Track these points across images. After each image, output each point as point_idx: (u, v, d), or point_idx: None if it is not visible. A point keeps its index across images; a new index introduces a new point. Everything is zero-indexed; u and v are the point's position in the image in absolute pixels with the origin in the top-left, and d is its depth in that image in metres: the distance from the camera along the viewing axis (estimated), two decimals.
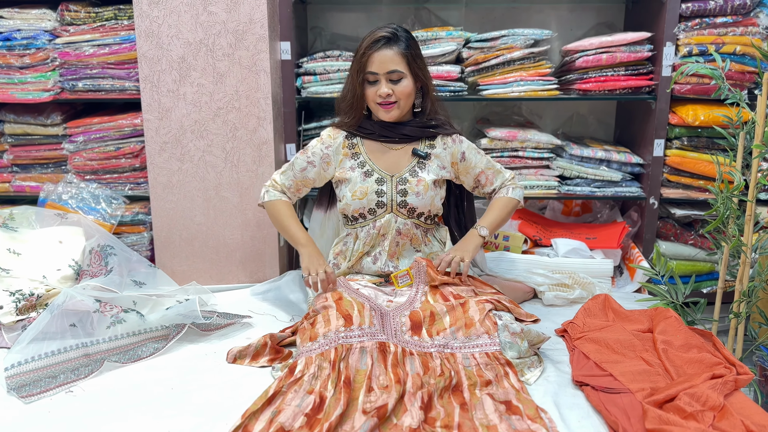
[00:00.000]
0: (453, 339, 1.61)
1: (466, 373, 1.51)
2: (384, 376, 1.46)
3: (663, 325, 1.68)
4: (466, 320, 1.64)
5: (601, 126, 2.85)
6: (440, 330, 1.64)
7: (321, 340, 1.56)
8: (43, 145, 2.45)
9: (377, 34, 1.82)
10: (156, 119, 2.21)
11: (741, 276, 1.81)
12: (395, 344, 1.58)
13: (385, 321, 1.67)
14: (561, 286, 2.14)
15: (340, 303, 1.68)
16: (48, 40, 2.31)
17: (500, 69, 2.37)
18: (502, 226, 1.97)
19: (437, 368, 1.51)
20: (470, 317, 1.64)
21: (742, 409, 1.31)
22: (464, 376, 1.49)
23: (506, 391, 1.44)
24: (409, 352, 1.57)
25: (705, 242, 2.37)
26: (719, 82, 1.79)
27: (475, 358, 1.56)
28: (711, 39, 2.24)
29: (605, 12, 2.70)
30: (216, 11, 2.13)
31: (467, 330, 1.62)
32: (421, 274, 1.84)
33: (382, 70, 1.80)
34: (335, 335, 1.56)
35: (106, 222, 2.28)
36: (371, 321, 1.63)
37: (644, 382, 1.44)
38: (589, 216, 2.81)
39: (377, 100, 1.84)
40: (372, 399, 1.38)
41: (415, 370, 1.50)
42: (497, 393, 1.44)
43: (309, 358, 1.51)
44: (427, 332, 1.64)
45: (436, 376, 1.48)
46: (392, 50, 1.80)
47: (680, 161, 2.33)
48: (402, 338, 1.62)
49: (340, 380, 1.44)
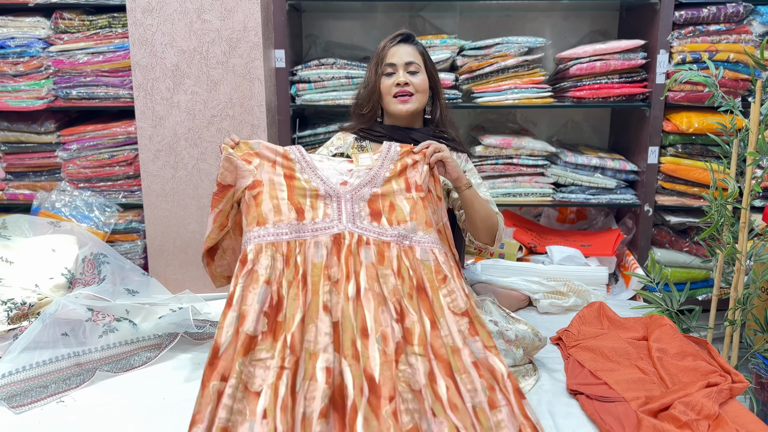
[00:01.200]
0: (413, 233, 1.56)
1: (424, 268, 1.50)
2: (336, 268, 1.46)
3: (658, 332, 1.68)
4: (426, 218, 1.60)
5: (596, 133, 2.86)
6: (401, 221, 1.58)
7: (271, 229, 1.50)
8: (37, 153, 2.44)
9: (396, 32, 1.88)
10: (150, 127, 2.20)
11: (736, 283, 1.81)
12: (351, 232, 1.54)
13: (341, 207, 1.59)
14: (556, 294, 2.14)
15: (291, 186, 1.59)
16: (42, 48, 2.31)
17: (494, 77, 2.37)
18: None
19: (393, 260, 1.50)
20: (429, 218, 1.60)
21: (738, 418, 1.31)
22: (423, 275, 1.49)
23: (461, 297, 1.45)
24: (365, 241, 1.53)
25: (700, 249, 2.37)
26: (713, 89, 1.79)
27: (434, 254, 1.53)
28: (704, 47, 2.24)
29: (599, 20, 2.71)
30: (210, 19, 2.13)
31: (427, 228, 1.59)
32: (390, 155, 1.71)
33: (401, 61, 1.83)
34: (288, 228, 1.51)
35: (99, 230, 2.27)
36: (325, 212, 1.57)
37: (639, 391, 1.44)
38: (584, 223, 2.81)
39: (393, 92, 1.84)
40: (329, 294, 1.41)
41: (370, 259, 1.49)
42: (454, 302, 1.44)
43: (258, 245, 1.47)
44: (387, 220, 1.58)
45: (392, 269, 1.48)
46: (410, 46, 1.85)
47: (675, 168, 2.33)
48: (361, 224, 1.57)
49: (297, 275, 1.43)
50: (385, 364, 1.30)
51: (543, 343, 1.69)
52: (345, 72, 2.37)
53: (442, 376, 1.33)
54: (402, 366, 1.31)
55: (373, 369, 1.30)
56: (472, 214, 1.76)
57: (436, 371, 1.34)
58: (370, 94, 1.87)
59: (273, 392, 1.23)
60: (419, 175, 1.67)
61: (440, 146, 1.68)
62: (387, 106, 1.88)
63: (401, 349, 1.33)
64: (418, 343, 1.37)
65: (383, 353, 1.32)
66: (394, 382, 1.28)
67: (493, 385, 1.31)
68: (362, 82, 1.94)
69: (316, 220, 1.55)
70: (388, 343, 1.34)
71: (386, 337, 1.35)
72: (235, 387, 1.24)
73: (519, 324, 1.73)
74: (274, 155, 1.64)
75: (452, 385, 1.32)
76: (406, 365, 1.31)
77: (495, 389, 1.31)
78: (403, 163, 1.68)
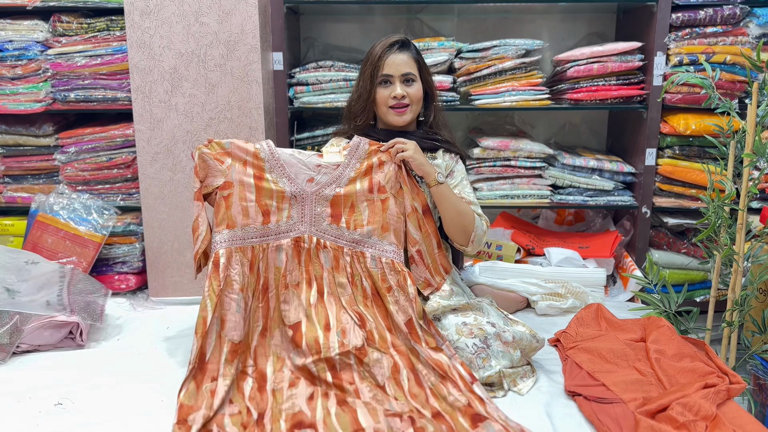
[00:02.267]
0: (368, 237, 1.70)
1: (372, 276, 1.65)
2: (297, 272, 1.65)
3: (656, 334, 1.68)
4: (383, 222, 1.71)
5: (593, 135, 2.86)
6: (358, 225, 1.70)
7: (239, 232, 1.65)
8: (35, 156, 2.44)
9: (391, 39, 1.87)
10: (148, 130, 2.21)
11: (733, 285, 1.81)
12: (310, 236, 1.67)
13: (305, 208, 1.69)
14: (554, 296, 2.14)
15: (260, 188, 1.68)
16: (40, 51, 2.31)
17: (492, 79, 2.38)
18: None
19: (347, 267, 1.67)
20: (387, 221, 1.71)
21: (735, 419, 1.31)
22: (375, 282, 1.66)
23: (403, 307, 1.61)
24: (323, 244, 1.68)
25: (697, 251, 2.37)
26: (710, 91, 1.80)
27: (381, 262, 1.67)
28: (701, 48, 2.25)
29: (596, 22, 2.72)
30: (208, 22, 2.13)
31: (382, 233, 1.70)
32: (359, 153, 1.75)
33: (398, 72, 1.82)
34: (255, 232, 1.65)
35: (97, 233, 2.27)
36: (289, 213, 1.68)
37: (637, 392, 1.44)
38: (582, 225, 2.81)
39: (390, 103, 1.84)
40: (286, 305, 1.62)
41: (329, 263, 1.67)
42: (399, 312, 1.60)
43: (229, 249, 1.62)
44: (346, 222, 1.70)
45: (347, 276, 1.66)
46: (406, 54, 1.85)
47: (672, 170, 2.34)
48: (320, 226, 1.69)
49: (258, 284, 1.62)
50: (344, 354, 1.51)
51: (541, 344, 1.69)
52: (343, 75, 2.37)
53: (405, 367, 1.52)
54: (365, 361, 1.51)
55: (335, 360, 1.51)
56: (442, 211, 1.78)
57: (399, 363, 1.53)
58: (364, 104, 1.87)
59: (238, 390, 1.48)
60: (383, 175, 1.73)
61: (404, 145, 1.73)
62: (383, 116, 1.89)
63: (365, 349, 1.52)
64: (379, 344, 1.56)
65: (341, 344, 1.53)
66: (353, 373, 1.50)
67: (443, 375, 1.49)
68: (354, 88, 1.93)
69: (280, 223, 1.68)
70: (347, 336, 1.54)
71: (345, 332, 1.55)
72: (228, 385, 1.46)
73: (517, 326, 1.73)
74: (245, 155, 1.71)
75: (413, 377, 1.50)
76: (370, 361, 1.51)
77: (446, 377, 1.49)
78: (369, 163, 1.74)
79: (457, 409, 1.40)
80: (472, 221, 1.77)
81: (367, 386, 1.47)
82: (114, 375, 1.68)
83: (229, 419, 1.39)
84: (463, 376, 1.49)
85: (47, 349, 1.83)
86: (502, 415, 1.39)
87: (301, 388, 1.47)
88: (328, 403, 1.42)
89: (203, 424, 1.35)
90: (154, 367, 1.73)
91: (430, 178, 1.74)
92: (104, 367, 1.73)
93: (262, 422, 1.38)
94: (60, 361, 1.77)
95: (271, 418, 1.39)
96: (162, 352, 1.83)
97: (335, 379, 1.48)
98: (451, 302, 1.74)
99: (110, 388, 1.61)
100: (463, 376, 1.49)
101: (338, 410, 1.39)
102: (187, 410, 1.37)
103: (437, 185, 1.75)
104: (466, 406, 1.40)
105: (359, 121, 1.90)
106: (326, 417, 1.37)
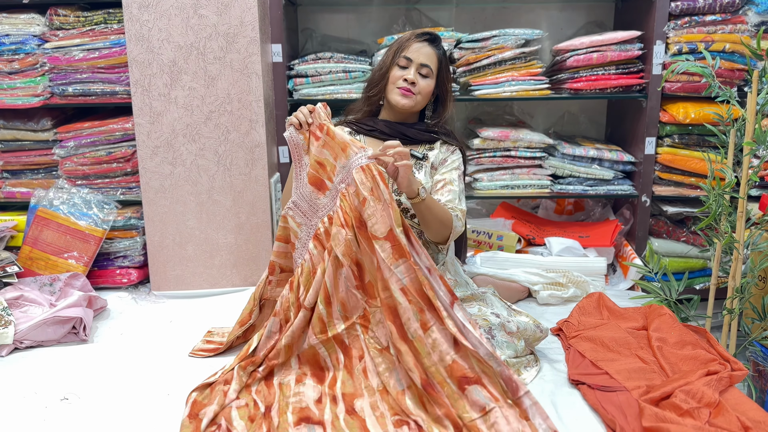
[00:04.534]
0: (344, 169, 1.62)
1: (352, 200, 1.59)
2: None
3: (657, 322, 1.69)
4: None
5: (593, 125, 2.86)
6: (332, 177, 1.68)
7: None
8: (34, 151, 2.43)
9: (425, 30, 1.89)
10: (147, 123, 2.20)
11: (734, 272, 1.83)
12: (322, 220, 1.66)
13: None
14: (555, 285, 2.15)
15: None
16: (37, 45, 2.30)
17: (492, 69, 2.37)
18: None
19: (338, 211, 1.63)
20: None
21: (737, 405, 1.32)
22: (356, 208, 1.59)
23: (379, 220, 1.51)
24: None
25: (697, 239, 2.38)
26: (709, 79, 1.80)
27: (355, 178, 1.58)
28: (700, 37, 2.25)
29: (595, 11, 2.71)
30: (206, 14, 2.12)
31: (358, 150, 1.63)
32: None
33: (417, 60, 1.82)
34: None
35: (98, 227, 2.26)
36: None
37: (640, 380, 1.45)
38: (582, 214, 2.82)
39: (399, 84, 1.83)
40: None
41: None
42: (375, 225, 1.51)
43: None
44: (328, 179, 1.68)
45: (341, 222, 1.59)
46: (432, 48, 1.83)
47: (672, 159, 2.34)
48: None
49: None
50: (349, 328, 1.55)
51: (544, 334, 1.70)
52: (342, 66, 2.37)
53: (399, 339, 1.47)
54: (370, 327, 1.55)
55: (343, 336, 1.54)
56: (423, 223, 1.70)
57: (395, 335, 1.49)
58: (381, 78, 1.87)
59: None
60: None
61: (408, 162, 1.58)
62: (388, 93, 1.87)
63: (367, 314, 1.55)
64: (379, 292, 1.51)
65: (345, 318, 1.55)
66: (361, 343, 1.53)
67: (422, 308, 1.44)
68: (377, 64, 1.94)
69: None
70: (347, 308, 1.56)
71: (345, 304, 1.56)
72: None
73: (520, 316, 1.74)
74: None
75: (395, 329, 1.48)
76: (373, 324, 1.54)
77: (424, 311, 1.44)
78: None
79: (444, 368, 1.39)
80: (450, 227, 1.72)
81: (374, 351, 1.52)
82: (119, 369, 1.69)
83: (236, 412, 1.40)
84: (453, 303, 1.48)
85: (51, 345, 1.84)
86: (484, 349, 1.40)
87: (308, 387, 1.49)
88: (337, 409, 1.43)
89: (212, 419, 1.38)
90: (159, 361, 1.73)
91: (413, 194, 1.63)
92: (109, 362, 1.74)
93: (270, 415, 1.40)
94: (64, 357, 1.78)
95: (278, 410, 1.40)
96: (166, 345, 1.84)
97: (346, 358, 1.53)
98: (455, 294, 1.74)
99: (116, 383, 1.61)
100: (443, 300, 1.46)
101: (347, 417, 1.40)
102: (200, 406, 1.41)
103: (419, 202, 1.64)
104: (451, 364, 1.39)
105: (372, 93, 1.88)
106: (335, 420, 1.39)
